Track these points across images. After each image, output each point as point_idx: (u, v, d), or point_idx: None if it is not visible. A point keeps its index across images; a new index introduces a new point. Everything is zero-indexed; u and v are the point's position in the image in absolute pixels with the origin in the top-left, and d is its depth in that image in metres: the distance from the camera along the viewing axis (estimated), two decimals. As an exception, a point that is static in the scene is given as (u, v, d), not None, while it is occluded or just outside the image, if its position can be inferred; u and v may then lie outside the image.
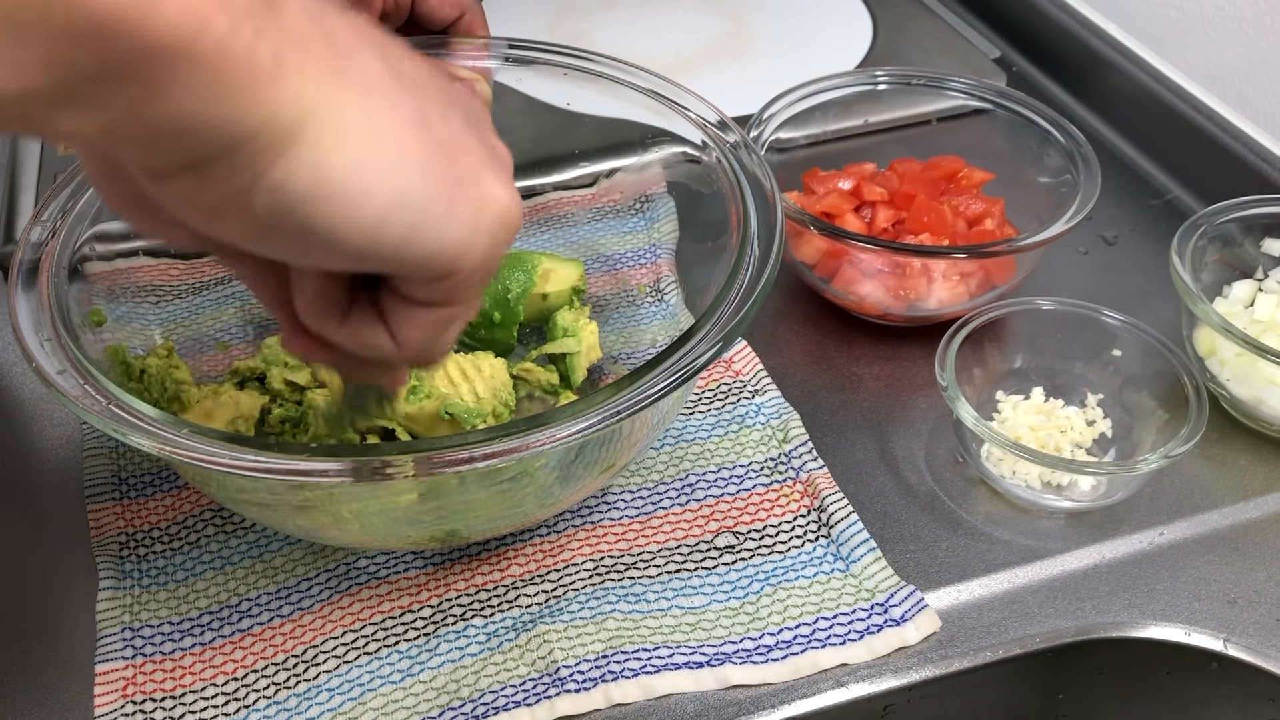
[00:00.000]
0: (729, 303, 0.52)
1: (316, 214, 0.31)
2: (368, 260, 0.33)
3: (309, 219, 0.31)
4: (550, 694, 0.53)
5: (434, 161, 0.33)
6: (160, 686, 0.54)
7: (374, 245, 0.32)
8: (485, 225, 0.34)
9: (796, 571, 0.58)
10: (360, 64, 0.32)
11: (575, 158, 0.78)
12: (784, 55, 0.96)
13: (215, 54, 0.27)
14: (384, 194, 0.32)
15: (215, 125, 0.29)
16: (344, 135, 0.31)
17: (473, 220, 0.34)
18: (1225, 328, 0.61)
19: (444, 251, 0.34)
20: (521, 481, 0.52)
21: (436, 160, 0.33)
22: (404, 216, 0.32)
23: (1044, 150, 0.75)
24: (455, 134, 0.34)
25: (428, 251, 0.33)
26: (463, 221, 0.34)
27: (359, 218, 0.32)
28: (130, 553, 0.59)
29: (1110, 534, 0.60)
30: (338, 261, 0.33)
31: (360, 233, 0.32)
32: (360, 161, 0.31)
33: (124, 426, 0.46)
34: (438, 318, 0.37)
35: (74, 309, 0.54)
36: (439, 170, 0.33)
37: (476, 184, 0.34)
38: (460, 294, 0.36)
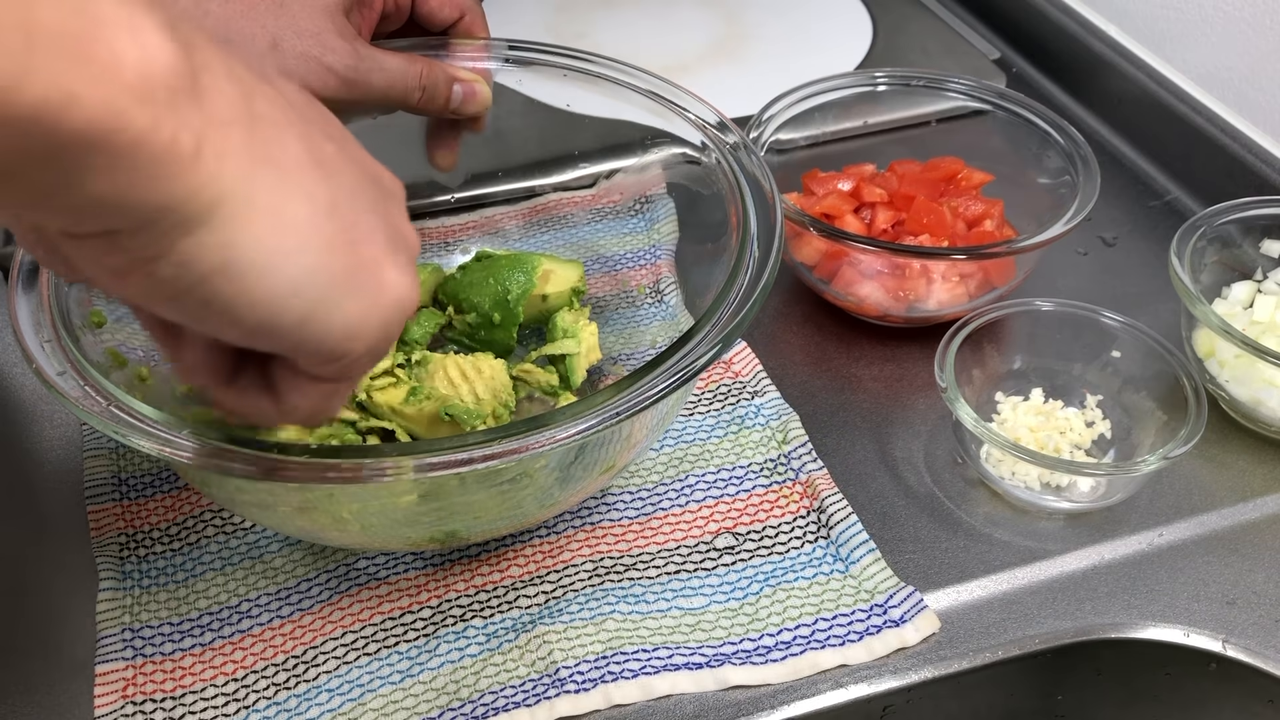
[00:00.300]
0: (728, 304, 0.52)
1: (219, 290, 0.32)
2: (261, 338, 0.35)
3: (211, 294, 0.32)
4: (550, 695, 0.53)
5: (337, 249, 0.34)
6: (160, 687, 0.54)
7: (271, 325, 0.34)
8: (379, 312, 0.36)
9: (796, 572, 0.58)
10: (281, 148, 0.33)
11: (575, 159, 0.78)
12: (783, 56, 0.96)
13: (134, 146, 0.28)
14: (286, 278, 0.33)
15: (132, 206, 0.29)
16: (254, 219, 0.32)
17: (368, 307, 0.36)
18: (1224, 329, 0.61)
19: (337, 336, 0.35)
20: (521, 483, 0.52)
21: (340, 248, 0.34)
22: (302, 300, 0.34)
23: (1043, 151, 0.75)
24: (362, 220, 0.36)
25: (320, 335, 0.35)
26: (358, 308, 0.35)
27: (259, 298, 0.33)
28: (130, 553, 0.59)
29: (1109, 535, 0.60)
30: (233, 335, 0.35)
31: (259, 312, 0.33)
32: (267, 245, 0.32)
33: (124, 428, 0.46)
34: (324, 390, 0.38)
35: (74, 310, 0.54)
36: (341, 258, 0.34)
37: (376, 271, 0.36)
38: (348, 372, 0.38)
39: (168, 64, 0.28)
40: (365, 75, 0.56)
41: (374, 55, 0.57)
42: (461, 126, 0.65)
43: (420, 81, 0.59)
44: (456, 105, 0.61)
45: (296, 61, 0.55)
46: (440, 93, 0.60)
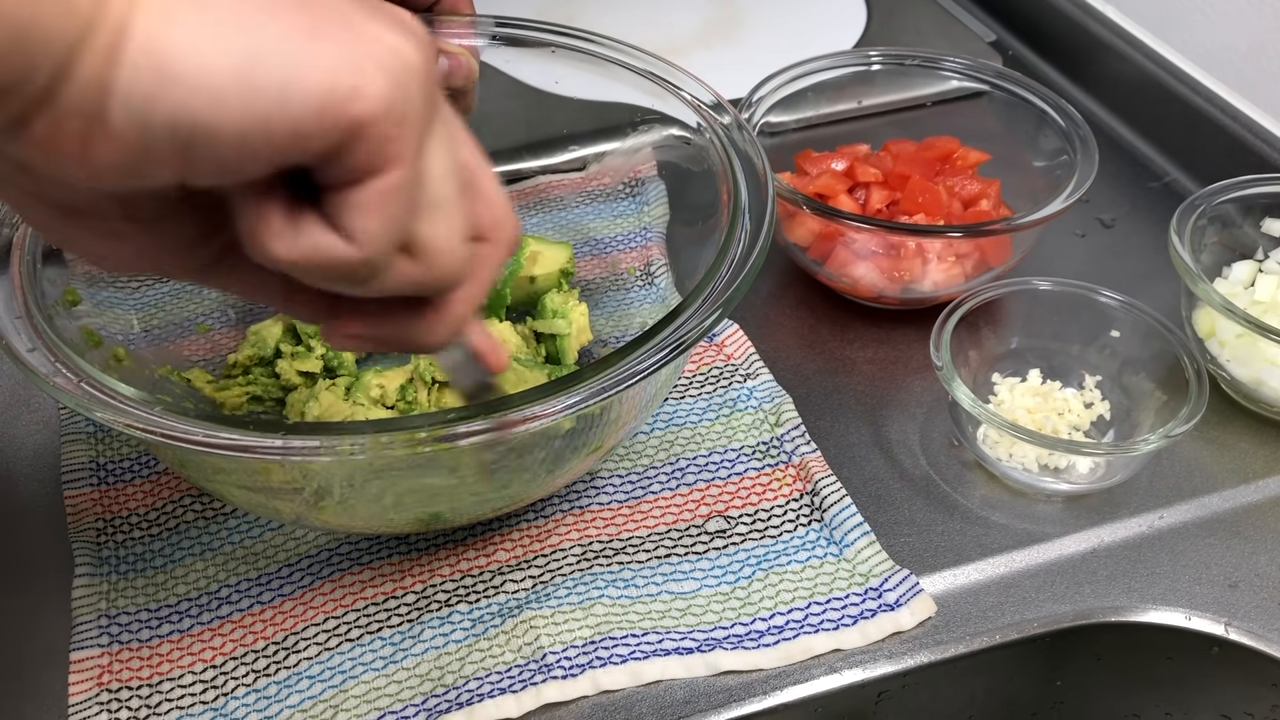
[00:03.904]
0: (720, 278, 0.51)
1: (175, 107, 0.29)
2: (254, 142, 0.30)
3: (172, 116, 0.29)
4: (537, 680, 0.51)
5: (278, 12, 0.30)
6: (137, 675, 0.52)
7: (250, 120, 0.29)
8: (372, 62, 0.31)
9: (789, 556, 0.57)
10: None
11: (564, 140, 0.77)
12: (776, 39, 0.95)
13: None
14: (233, 57, 0.29)
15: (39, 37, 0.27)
16: (171, 14, 0.29)
17: (350, 56, 0.31)
18: (1226, 307, 0.60)
19: (330, 95, 0.30)
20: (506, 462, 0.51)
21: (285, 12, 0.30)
22: (265, 76, 0.29)
23: (1040, 132, 0.74)
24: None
25: (313, 106, 0.30)
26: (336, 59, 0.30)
27: (218, 94, 0.29)
28: (108, 539, 0.58)
29: (1109, 517, 0.59)
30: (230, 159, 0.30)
31: (230, 111, 0.29)
32: (196, 31, 0.29)
33: (93, 404, 0.44)
34: (379, 191, 0.32)
35: (48, 290, 0.53)
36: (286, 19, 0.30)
37: (347, 28, 0.31)
38: (385, 152, 0.32)
39: None
40: None
41: None
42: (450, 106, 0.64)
43: (404, 50, 0.57)
44: (442, 77, 0.60)
45: None
46: (425, 63, 0.59)
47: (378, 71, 0.31)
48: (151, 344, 0.62)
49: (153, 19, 0.28)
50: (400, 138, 0.32)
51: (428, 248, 0.35)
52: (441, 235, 0.35)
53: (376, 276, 0.34)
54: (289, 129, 0.30)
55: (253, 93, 0.29)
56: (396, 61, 0.31)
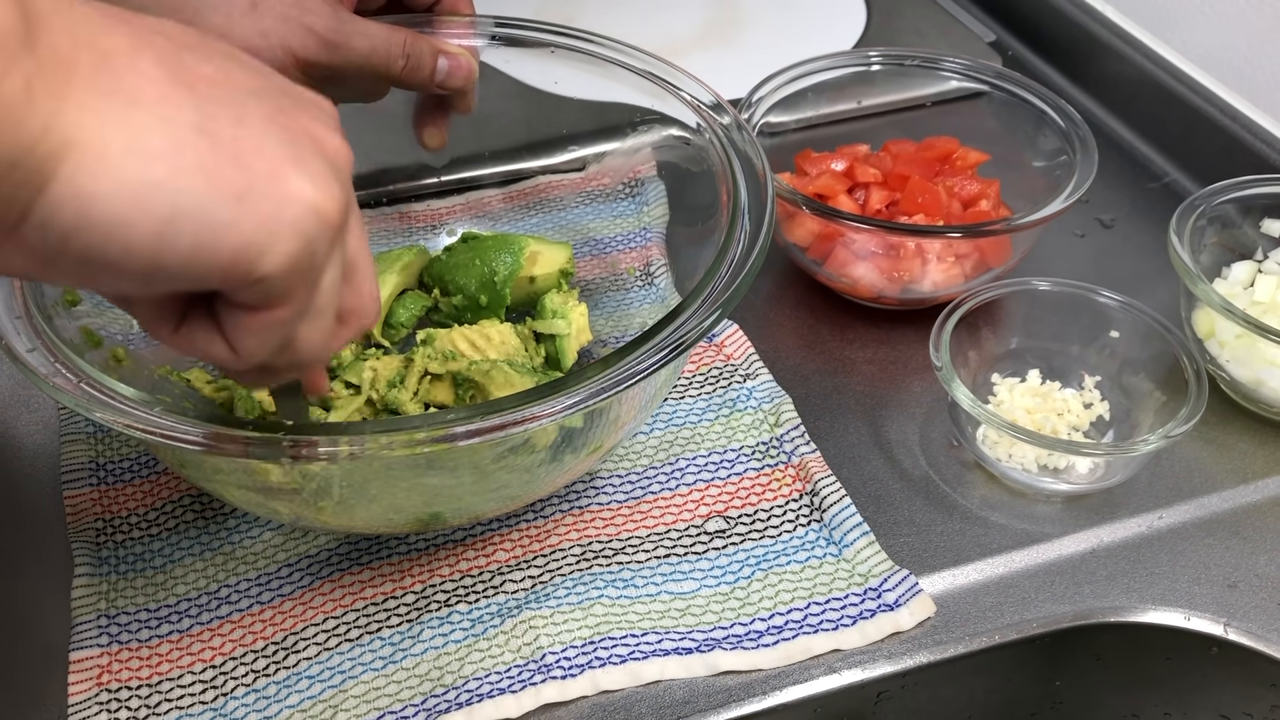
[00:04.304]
0: (720, 277, 0.51)
1: (89, 245, 0.31)
2: (157, 281, 0.32)
3: (83, 250, 0.31)
4: (536, 680, 0.51)
5: (214, 170, 0.32)
6: (136, 675, 0.52)
7: (158, 266, 0.32)
8: (286, 224, 0.33)
9: (788, 556, 0.57)
10: (135, 79, 0.31)
11: (563, 140, 0.77)
12: (775, 40, 0.95)
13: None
14: (157, 214, 0.31)
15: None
16: (106, 162, 0.30)
17: (269, 220, 0.33)
18: (1226, 307, 0.60)
19: (239, 258, 0.32)
20: (506, 462, 0.51)
21: (218, 168, 0.32)
22: (185, 232, 0.31)
23: (1039, 133, 0.74)
24: (248, 137, 0.33)
25: (221, 262, 0.32)
26: (256, 223, 0.32)
27: (133, 242, 0.31)
28: (107, 539, 0.58)
29: (1108, 518, 0.59)
30: (130, 286, 0.33)
31: (139, 256, 0.31)
32: (126, 186, 0.30)
33: (92, 404, 0.44)
34: (269, 322, 0.35)
35: (48, 290, 0.53)
36: (221, 178, 0.32)
37: (272, 183, 0.33)
38: (282, 297, 0.35)
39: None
40: (346, 38, 0.55)
41: (356, 21, 0.56)
42: (449, 105, 0.64)
43: (404, 49, 0.57)
44: (442, 78, 0.60)
45: (276, 22, 0.53)
46: (425, 64, 0.59)
47: (291, 237, 0.33)
48: (151, 344, 0.61)
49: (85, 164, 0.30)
50: (297, 285, 0.35)
51: (299, 346, 0.37)
52: (314, 338, 0.38)
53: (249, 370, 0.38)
54: (194, 277, 0.33)
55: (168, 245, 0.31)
56: (311, 221, 0.34)
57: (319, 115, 0.36)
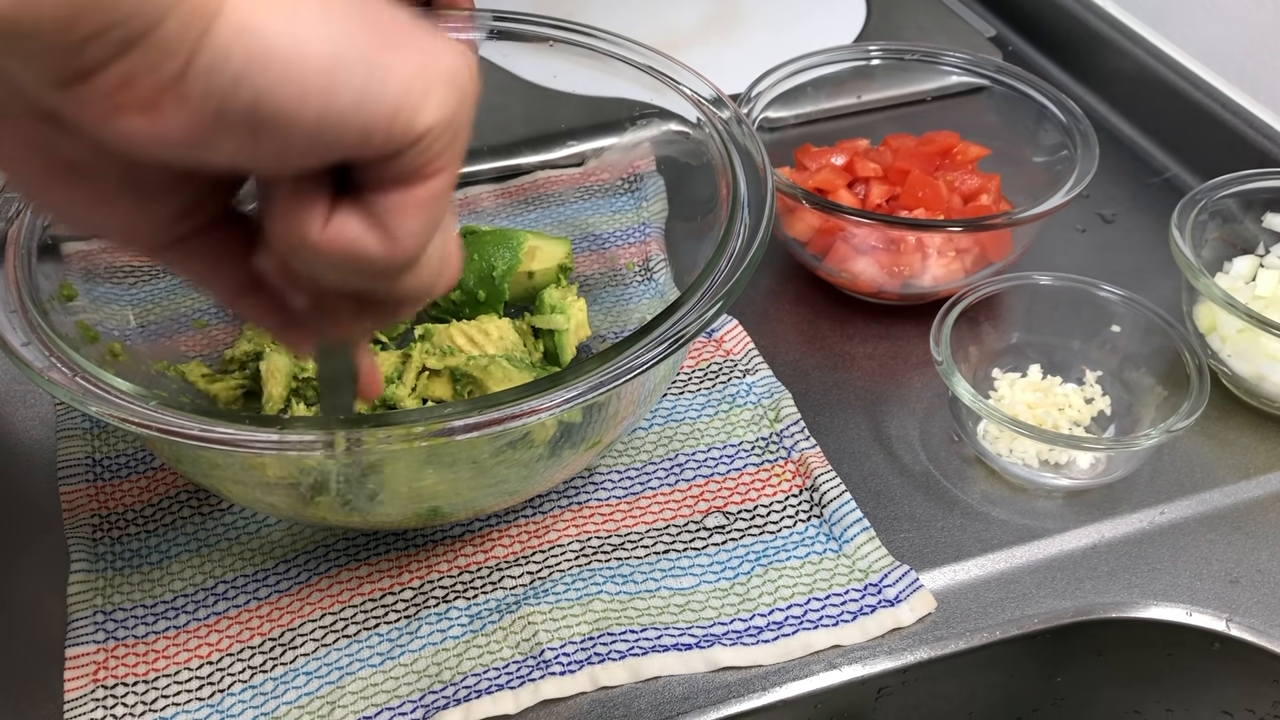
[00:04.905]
0: (719, 272, 0.50)
1: (259, 90, 0.29)
2: (325, 135, 0.30)
3: (254, 95, 0.29)
4: (535, 676, 0.51)
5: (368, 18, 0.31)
6: (132, 670, 0.52)
7: (328, 109, 0.30)
8: (441, 75, 0.32)
9: (788, 552, 0.57)
10: None
11: (563, 135, 0.76)
12: (775, 35, 0.94)
13: None
14: (322, 54, 0.29)
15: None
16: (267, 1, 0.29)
17: (423, 69, 0.32)
18: (1228, 302, 0.60)
19: (404, 105, 0.31)
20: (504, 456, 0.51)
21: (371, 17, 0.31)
22: (351, 72, 0.30)
23: (1040, 127, 0.74)
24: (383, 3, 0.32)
25: (385, 111, 0.31)
26: (414, 70, 0.31)
27: (304, 83, 0.29)
28: (104, 535, 0.58)
29: (1110, 513, 0.59)
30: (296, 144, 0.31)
31: (311, 97, 0.29)
32: (290, 21, 0.29)
33: (88, 398, 0.44)
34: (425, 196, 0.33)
35: (44, 285, 0.53)
36: (376, 25, 0.31)
37: (417, 40, 0.32)
38: (438, 161, 0.33)
39: None
40: None
41: None
42: None
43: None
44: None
45: None
46: (423, 59, 0.58)
47: (444, 87, 0.32)
48: (148, 339, 0.61)
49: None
50: (452, 149, 0.33)
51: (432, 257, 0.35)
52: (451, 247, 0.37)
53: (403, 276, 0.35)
54: (360, 130, 0.31)
55: (335, 91, 0.30)
56: (457, 79, 0.33)
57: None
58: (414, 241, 0.34)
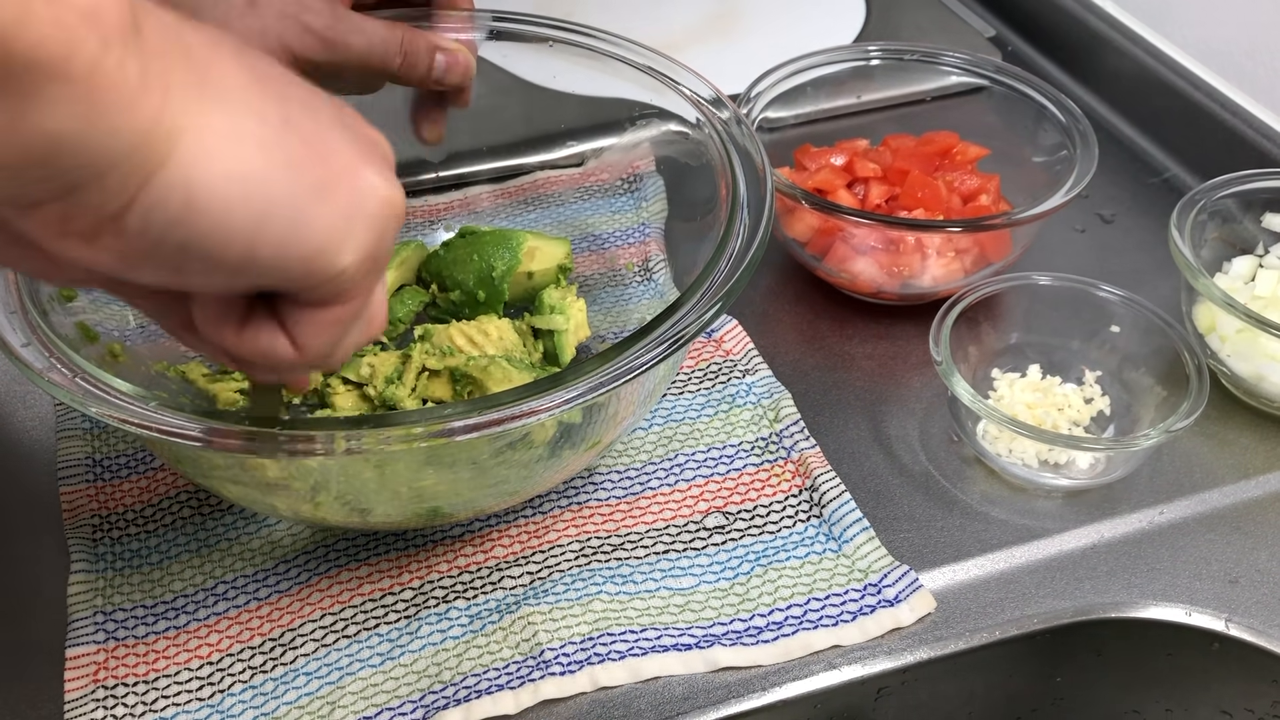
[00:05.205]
0: (719, 272, 0.50)
1: (192, 231, 0.31)
2: (246, 274, 0.33)
3: (186, 237, 0.31)
4: (534, 677, 0.51)
5: (302, 164, 0.33)
6: (132, 671, 0.52)
7: (251, 256, 0.32)
8: (365, 217, 0.35)
9: (788, 552, 0.57)
10: (220, 73, 0.32)
11: (562, 135, 0.76)
12: (775, 34, 0.94)
13: (87, 73, 0.27)
14: (256, 203, 0.32)
15: (86, 147, 0.28)
16: (212, 150, 0.31)
17: (349, 214, 0.34)
18: (1227, 302, 0.60)
19: (324, 251, 0.34)
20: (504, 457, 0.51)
21: (305, 162, 0.33)
22: (278, 223, 0.32)
23: (1039, 127, 0.74)
24: (323, 132, 0.34)
25: (307, 254, 0.33)
26: (339, 218, 0.34)
27: (233, 230, 0.32)
28: (104, 535, 0.58)
29: (1109, 513, 0.59)
30: (217, 279, 0.33)
31: (236, 245, 0.32)
32: (230, 174, 0.31)
33: (89, 399, 0.44)
34: (335, 318, 0.37)
35: (44, 287, 0.53)
36: (309, 172, 0.33)
37: (351, 178, 0.34)
38: (354, 290, 0.36)
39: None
40: (344, 36, 0.55)
41: (354, 18, 0.56)
42: (447, 100, 0.64)
43: (401, 47, 0.57)
44: (439, 74, 0.60)
45: (274, 20, 0.53)
46: (422, 60, 0.59)
47: (367, 229, 0.35)
48: (147, 340, 0.61)
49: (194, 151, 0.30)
50: (368, 279, 0.36)
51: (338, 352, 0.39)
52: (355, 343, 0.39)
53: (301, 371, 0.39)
54: (281, 266, 0.33)
55: (261, 238, 0.32)
56: (384, 212, 0.35)
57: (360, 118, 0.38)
58: (321, 350, 0.37)
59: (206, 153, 0.30)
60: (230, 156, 0.31)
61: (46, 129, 0.27)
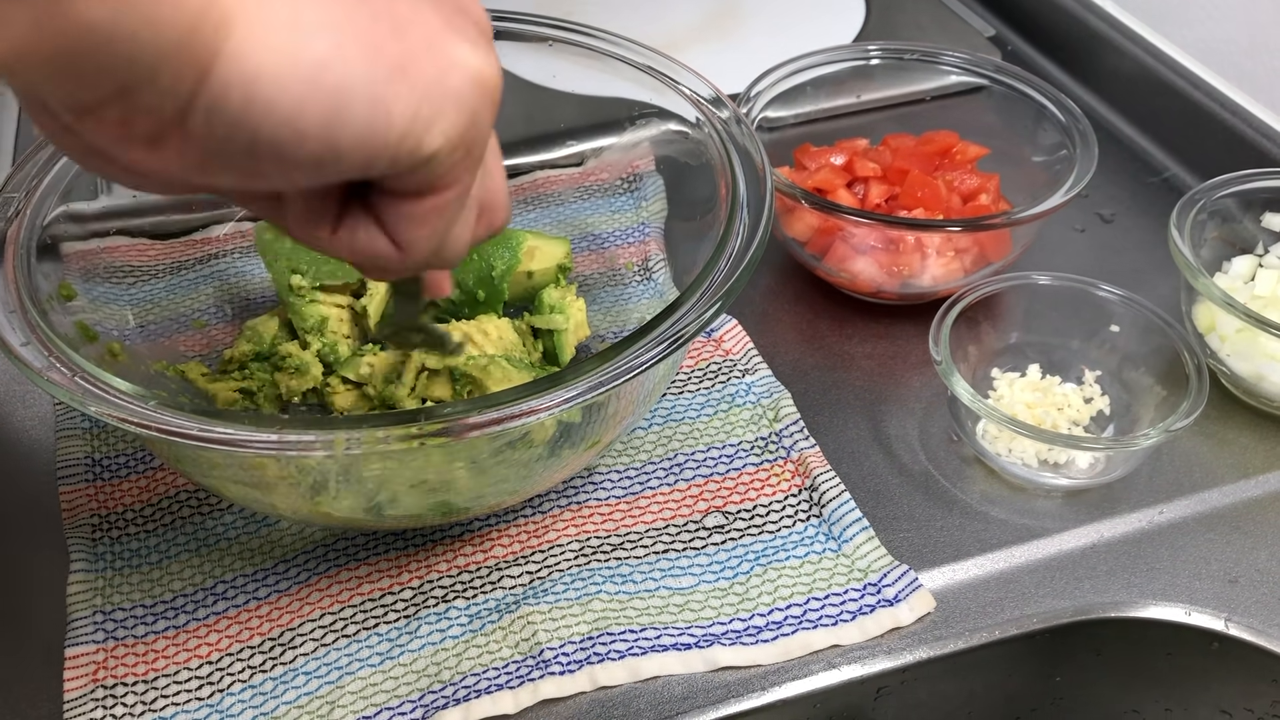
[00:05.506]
0: (718, 271, 0.50)
1: (259, 129, 0.29)
2: (326, 168, 0.31)
3: (253, 134, 0.29)
4: (534, 676, 0.51)
5: (377, 42, 0.30)
6: (132, 670, 0.52)
7: (329, 149, 0.30)
8: (451, 95, 0.32)
9: (787, 551, 0.57)
10: None
11: (562, 135, 0.76)
12: (774, 34, 0.94)
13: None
14: (325, 92, 0.29)
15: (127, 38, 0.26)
16: (270, 36, 0.28)
17: (434, 94, 0.31)
18: (1227, 301, 0.60)
19: (408, 135, 0.31)
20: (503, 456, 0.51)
21: (380, 39, 0.30)
22: (354, 111, 0.30)
23: (1039, 127, 0.74)
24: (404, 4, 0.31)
25: (391, 139, 0.31)
26: (421, 95, 0.31)
27: (304, 122, 0.29)
28: (103, 535, 0.58)
29: (1109, 513, 0.59)
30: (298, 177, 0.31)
31: (311, 139, 0.29)
32: (293, 62, 0.29)
33: (88, 398, 0.44)
34: (434, 207, 0.34)
35: (43, 285, 0.53)
36: (385, 50, 0.30)
37: (431, 55, 0.31)
38: (449, 176, 0.33)
39: None
40: None
41: None
42: None
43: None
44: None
45: None
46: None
47: (455, 108, 0.32)
48: (147, 339, 0.61)
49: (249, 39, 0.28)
50: (462, 164, 0.33)
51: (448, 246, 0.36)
52: (463, 236, 0.36)
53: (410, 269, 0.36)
54: (363, 160, 0.31)
55: (336, 127, 0.30)
56: (473, 91, 0.32)
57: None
58: (423, 246, 0.34)
59: (262, 43, 0.28)
60: (290, 44, 0.28)
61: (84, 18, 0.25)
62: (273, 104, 0.29)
